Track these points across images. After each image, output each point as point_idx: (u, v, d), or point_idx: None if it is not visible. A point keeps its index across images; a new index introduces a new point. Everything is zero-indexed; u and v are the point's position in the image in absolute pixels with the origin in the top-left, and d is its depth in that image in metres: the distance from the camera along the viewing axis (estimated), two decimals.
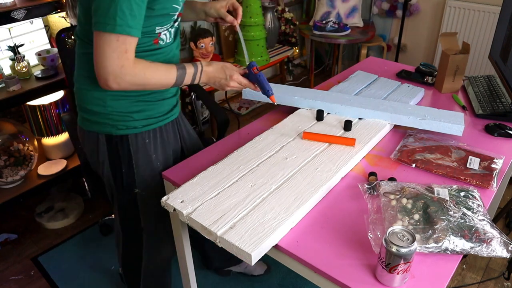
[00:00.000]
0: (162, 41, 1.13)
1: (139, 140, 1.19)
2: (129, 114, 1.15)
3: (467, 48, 1.55)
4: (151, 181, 1.25)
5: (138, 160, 1.20)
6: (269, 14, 3.12)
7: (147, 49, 1.10)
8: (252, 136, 1.31)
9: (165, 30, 1.11)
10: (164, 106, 1.22)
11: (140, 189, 1.25)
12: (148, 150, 1.21)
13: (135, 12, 0.94)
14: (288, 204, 0.98)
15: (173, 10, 1.08)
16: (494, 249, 0.87)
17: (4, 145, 1.88)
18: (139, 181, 1.23)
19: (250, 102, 3.34)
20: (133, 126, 1.16)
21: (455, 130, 1.25)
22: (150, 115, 1.18)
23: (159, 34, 1.10)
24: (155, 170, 1.24)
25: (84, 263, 1.93)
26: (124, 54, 0.97)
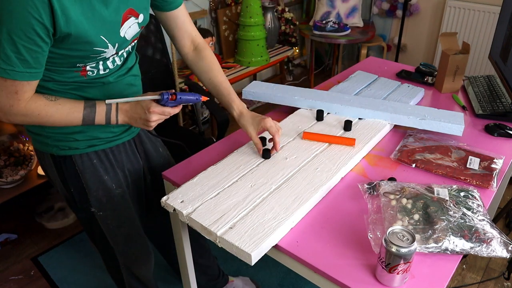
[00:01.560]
0: (92, 72, 1.02)
1: (85, 161, 1.12)
2: (70, 135, 1.07)
3: (467, 48, 1.55)
4: (108, 202, 1.18)
5: (88, 181, 1.13)
6: (269, 14, 3.12)
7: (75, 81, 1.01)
8: None
9: (92, 64, 1.00)
10: (113, 128, 1.13)
11: (96, 209, 1.18)
12: (97, 171, 1.13)
13: (25, 56, 0.86)
14: (288, 204, 0.98)
15: (96, 52, 0.96)
16: (494, 249, 0.87)
17: (4, 145, 1.88)
18: (93, 201, 1.17)
19: (250, 102, 3.34)
20: (75, 147, 1.09)
21: (455, 130, 1.25)
22: (94, 136, 1.10)
23: (83, 67, 0.99)
24: (110, 191, 1.17)
25: (84, 263, 1.93)
26: (14, 95, 0.90)
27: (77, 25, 0.88)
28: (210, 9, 2.94)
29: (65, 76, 0.99)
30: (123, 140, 1.17)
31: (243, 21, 2.87)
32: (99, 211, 1.19)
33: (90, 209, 1.18)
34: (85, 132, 1.08)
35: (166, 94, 0.96)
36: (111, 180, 1.17)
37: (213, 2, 2.92)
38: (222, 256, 1.93)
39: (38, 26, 0.83)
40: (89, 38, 0.91)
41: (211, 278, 1.65)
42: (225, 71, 2.86)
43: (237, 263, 1.89)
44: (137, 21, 1.03)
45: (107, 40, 0.96)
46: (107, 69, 1.04)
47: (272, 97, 1.45)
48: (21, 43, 0.84)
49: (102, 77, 1.04)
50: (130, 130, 1.19)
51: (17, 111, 0.93)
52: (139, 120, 1.02)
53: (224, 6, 2.98)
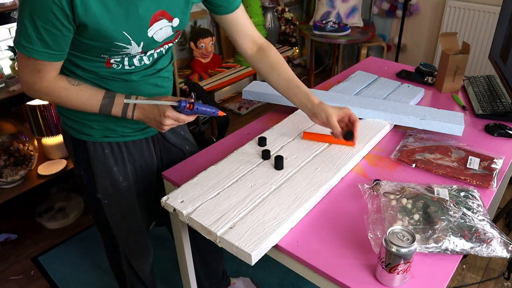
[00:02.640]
0: (117, 65, 1.03)
1: (98, 149, 1.14)
2: (87, 121, 1.10)
3: (467, 48, 1.55)
4: (113, 193, 1.20)
5: (97, 168, 1.16)
6: (269, 14, 3.12)
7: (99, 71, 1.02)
8: (252, 136, 1.30)
9: (117, 58, 1.01)
10: (132, 125, 1.14)
11: (102, 196, 1.20)
12: (107, 161, 1.15)
13: (45, 37, 0.88)
14: (288, 204, 0.98)
15: (117, 47, 0.96)
16: (494, 249, 0.87)
17: (4, 145, 1.88)
18: (100, 188, 1.18)
19: (250, 102, 3.34)
20: (90, 133, 1.12)
21: (455, 130, 1.25)
22: (110, 128, 1.12)
23: (108, 59, 1.00)
24: (117, 183, 1.18)
25: (84, 263, 1.93)
26: (36, 73, 0.94)
27: (96, 17, 0.89)
28: None
29: (91, 64, 1.01)
30: (139, 137, 1.18)
31: None
32: (104, 199, 1.21)
33: (96, 195, 1.20)
34: (101, 122, 1.10)
35: (184, 102, 0.97)
36: (119, 172, 1.18)
37: None
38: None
39: (57, 10, 0.85)
40: (108, 32, 0.92)
41: (215, 280, 1.65)
42: (225, 71, 2.87)
43: (237, 263, 1.89)
44: (170, 24, 1.02)
45: (130, 37, 0.96)
46: (133, 65, 1.05)
47: (272, 97, 1.45)
48: (41, 24, 0.86)
49: (127, 73, 1.05)
50: (148, 129, 1.19)
51: (39, 88, 0.97)
52: (153, 121, 1.03)
53: None
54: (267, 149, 1.15)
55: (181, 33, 1.10)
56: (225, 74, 2.81)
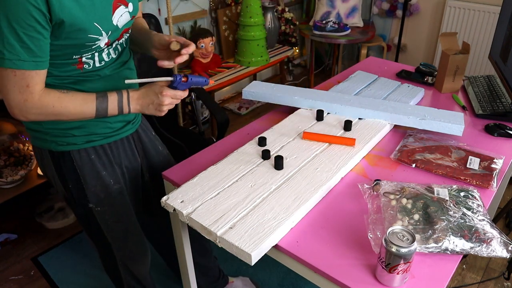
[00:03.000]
0: (88, 65, 1.03)
1: (83, 156, 1.12)
2: (68, 130, 1.08)
3: (467, 48, 1.55)
4: (105, 198, 1.19)
5: (86, 176, 1.13)
6: (269, 14, 3.12)
7: (72, 75, 1.02)
8: (252, 136, 1.31)
9: (88, 55, 1.01)
10: (111, 124, 1.13)
11: (94, 204, 1.18)
12: (95, 167, 1.14)
13: (28, 45, 0.87)
14: (288, 204, 0.98)
15: (90, 40, 0.97)
16: (494, 249, 0.87)
17: (4, 145, 1.88)
18: (91, 196, 1.17)
19: (250, 102, 3.34)
20: (73, 142, 1.10)
21: (455, 130, 1.25)
22: (92, 131, 1.11)
23: (79, 59, 1.00)
24: (108, 187, 1.18)
25: (84, 263, 1.93)
26: (26, 89, 0.91)
27: (71, 11, 0.89)
28: (210, 9, 2.94)
29: (63, 70, 1.00)
30: (121, 136, 1.18)
31: (243, 21, 2.87)
32: (97, 207, 1.19)
33: (88, 204, 1.18)
34: (83, 128, 1.09)
35: (179, 76, 0.99)
36: (109, 176, 1.17)
37: (213, 2, 2.93)
38: (222, 256, 1.93)
39: (35, 12, 0.84)
40: (82, 25, 0.93)
41: (212, 279, 1.65)
42: (225, 71, 2.87)
43: (237, 263, 1.89)
44: (127, 9, 1.05)
45: (100, 27, 0.97)
46: (103, 61, 1.05)
47: (272, 97, 1.45)
48: (22, 30, 0.85)
49: (98, 69, 1.06)
50: (127, 127, 1.19)
51: (32, 104, 0.94)
52: (151, 106, 1.04)
53: (224, 6, 2.99)
54: (267, 149, 1.15)
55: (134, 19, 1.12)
56: (225, 74, 2.81)
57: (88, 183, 1.15)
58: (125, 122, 1.18)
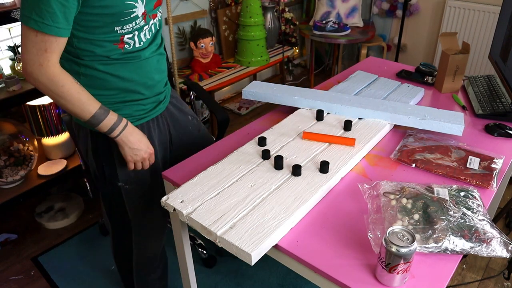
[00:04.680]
0: (129, 45, 1.09)
1: None
2: None
3: (467, 48, 1.55)
4: (134, 176, 1.25)
5: (119, 155, 1.20)
6: (269, 14, 3.12)
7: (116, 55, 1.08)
8: (252, 136, 1.31)
9: (129, 33, 1.07)
10: (146, 105, 1.22)
11: (123, 182, 1.25)
12: None
13: (55, 10, 0.92)
14: (288, 204, 0.98)
15: (127, 7, 1.01)
16: (494, 249, 0.87)
17: (4, 145, 1.88)
18: (121, 174, 1.24)
19: (250, 102, 3.34)
20: None
21: (455, 130, 1.25)
22: (128, 113, 1.18)
23: (121, 37, 1.06)
24: None
25: (84, 263, 1.93)
26: (43, 53, 0.96)
27: None
28: (210, 9, 2.94)
29: (105, 49, 1.06)
30: (152, 116, 1.25)
31: (243, 21, 2.87)
32: (126, 185, 1.26)
33: (117, 183, 1.25)
34: (119, 110, 1.16)
35: None
36: None
37: (213, 2, 2.93)
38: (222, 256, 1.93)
39: None
40: None
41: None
42: (225, 71, 2.87)
43: (237, 262, 1.89)
44: None
45: None
46: (141, 42, 1.12)
47: (272, 97, 1.45)
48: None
49: (138, 50, 1.12)
50: (159, 106, 1.27)
51: (45, 72, 0.98)
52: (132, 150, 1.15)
53: (224, 6, 2.99)
54: (267, 149, 1.15)
55: None
56: (225, 74, 2.82)
57: (120, 162, 1.21)
58: (157, 103, 1.26)
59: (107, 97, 1.14)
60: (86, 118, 1.06)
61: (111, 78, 1.11)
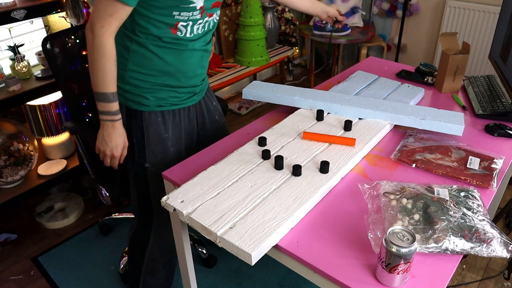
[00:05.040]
0: (181, 32, 1.19)
1: (152, 118, 1.29)
2: (144, 94, 1.26)
3: (467, 48, 1.55)
4: (162, 159, 1.33)
5: (149, 135, 1.30)
6: (269, 14, 3.12)
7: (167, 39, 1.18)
8: (252, 136, 1.31)
9: (184, 21, 1.17)
10: (181, 94, 1.31)
11: (150, 164, 1.33)
12: (159, 128, 1.30)
13: None
14: (288, 204, 0.98)
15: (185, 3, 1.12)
16: (494, 249, 0.87)
17: (4, 145, 1.88)
18: (149, 156, 1.32)
19: (250, 102, 3.34)
20: (146, 104, 1.27)
21: (455, 130, 1.25)
22: (163, 98, 1.28)
23: (176, 23, 1.16)
24: (166, 149, 1.33)
25: (84, 263, 1.93)
26: (108, 17, 1.07)
27: None
28: None
29: (160, 30, 1.16)
30: (185, 105, 1.35)
31: (243, 21, 2.87)
32: (152, 167, 1.33)
33: (144, 164, 1.33)
34: (156, 94, 1.27)
35: None
36: (169, 138, 1.33)
37: None
38: (223, 255, 1.93)
39: None
40: None
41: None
42: (225, 71, 2.87)
43: (237, 262, 1.89)
44: None
45: None
46: (192, 33, 1.21)
47: (272, 97, 1.45)
48: None
49: (188, 40, 1.22)
50: (193, 97, 1.36)
51: (102, 34, 1.08)
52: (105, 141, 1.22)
53: (224, 6, 2.98)
54: (267, 149, 1.15)
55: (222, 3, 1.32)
56: (225, 74, 2.82)
57: (150, 142, 1.31)
58: (192, 94, 1.35)
59: (148, 76, 1.24)
60: (97, 90, 1.15)
61: (157, 60, 1.21)
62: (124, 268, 1.82)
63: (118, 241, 2.04)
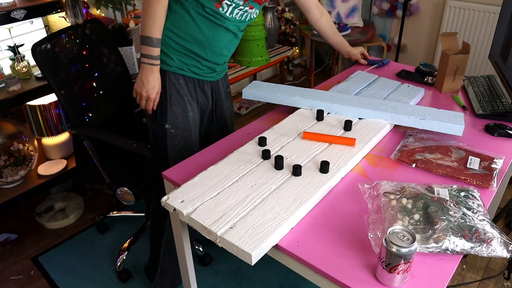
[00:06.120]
0: (223, 9, 1.28)
1: (177, 78, 1.38)
2: (171, 54, 1.35)
3: (467, 48, 1.55)
4: (181, 122, 1.41)
5: (172, 95, 1.38)
6: (269, 14, 3.12)
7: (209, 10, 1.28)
8: (252, 136, 1.31)
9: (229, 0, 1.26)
10: (202, 66, 1.40)
11: (170, 125, 1.40)
12: (182, 89, 1.39)
13: None
14: (288, 204, 0.98)
15: None
16: (494, 249, 0.87)
17: (4, 145, 1.88)
18: (171, 116, 1.40)
19: (250, 102, 3.34)
20: (170, 64, 1.36)
21: (455, 130, 1.25)
22: (186, 63, 1.37)
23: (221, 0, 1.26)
24: (185, 111, 1.41)
25: (84, 263, 1.93)
26: None
27: None
28: None
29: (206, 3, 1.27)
30: (204, 78, 1.44)
31: None
32: (172, 129, 1.41)
33: (164, 125, 1.41)
34: (181, 57, 1.36)
35: None
36: (188, 102, 1.42)
37: None
38: (222, 255, 1.93)
39: None
40: None
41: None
42: None
43: (237, 262, 1.89)
44: None
45: None
46: (232, 15, 1.32)
47: (272, 97, 1.45)
48: None
49: (227, 19, 1.32)
50: (212, 74, 1.46)
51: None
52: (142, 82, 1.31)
53: None
54: (267, 149, 1.15)
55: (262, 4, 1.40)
56: None
57: (172, 102, 1.39)
58: (212, 71, 1.45)
59: (180, 39, 1.33)
60: (144, 33, 1.25)
61: (194, 26, 1.31)
62: (121, 265, 1.82)
63: (118, 241, 2.04)
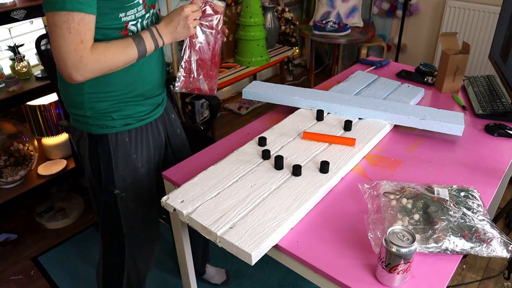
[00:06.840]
0: (132, 33, 1.11)
1: (119, 139, 1.19)
2: (108, 114, 1.16)
3: (467, 48, 1.55)
4: (132, 182, 1.25)
5: (118, 159, 1.20)
6: (269, 14, 3.12)
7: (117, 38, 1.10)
8: (252, 136, 1.31)
9: (133, 20, 1.10)
10: (145, 106, 1.22)
11: (120, 190, 1.24)
12: (128, 149, 1.21)
13: None
14: (288, 204, 0.98)
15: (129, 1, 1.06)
16: (494, 249, 0.87)
17: (4, 145, 1.88)
18: (119, 181, 1.23)
19: (250, 102, 3.34)
20: (112, 125, 1.17)
21: (455, 130, 1.25)
22: (129, 115, 1.19)
23: (126, 24, 1.09)
24: (136, 171, 1.24)
25: (84, 263, 1.93)
26: (80, 45, 0.98)
27: None
28: None
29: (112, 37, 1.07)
30: (152, 118, 1.26)
31: (243, 21, 2.87)
32: (122, 192, 1.25)
33: (113, 191, 1.24)
34: (120, 111, 1.17)
35: None
36: (138, 159, 1.24)
37: None
38: (222, 255, 1.93)
39: None
40: None
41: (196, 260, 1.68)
42: (225, 71, 2.86)
43: (237, 262, 1.89)
44: None
45: None
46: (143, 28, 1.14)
47: (272, 97, 1.45)
48: None
49: None
50: (158, 109, 1.27)
51: (87, 60, 1.00)
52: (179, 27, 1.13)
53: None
54: (267, 149, 1.15)
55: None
56: (225, 74, 2.81)
57: (118, 166, 1.21)
58: (156, 105, 1.26)
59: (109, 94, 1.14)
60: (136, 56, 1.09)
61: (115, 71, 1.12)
62: None
63: None
